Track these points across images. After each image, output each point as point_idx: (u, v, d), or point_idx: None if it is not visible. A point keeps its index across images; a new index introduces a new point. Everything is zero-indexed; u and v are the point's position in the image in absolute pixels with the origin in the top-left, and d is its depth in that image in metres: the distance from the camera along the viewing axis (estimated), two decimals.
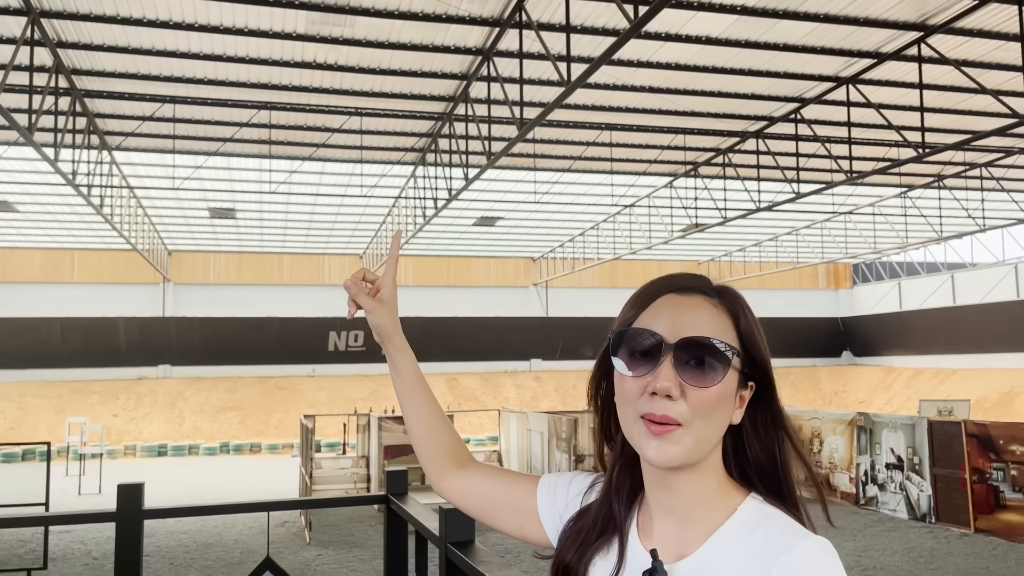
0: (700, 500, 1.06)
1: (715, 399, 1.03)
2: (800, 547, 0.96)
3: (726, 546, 1.03)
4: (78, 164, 14.71)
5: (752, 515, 1.04)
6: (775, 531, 1.00)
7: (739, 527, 1.03)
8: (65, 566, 9.67)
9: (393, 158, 18.26)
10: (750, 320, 1.09)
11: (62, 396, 28.96)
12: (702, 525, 1.06)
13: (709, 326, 1.05)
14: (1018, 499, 11.03)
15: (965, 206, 23.41)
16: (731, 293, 1.12)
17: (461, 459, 1.43)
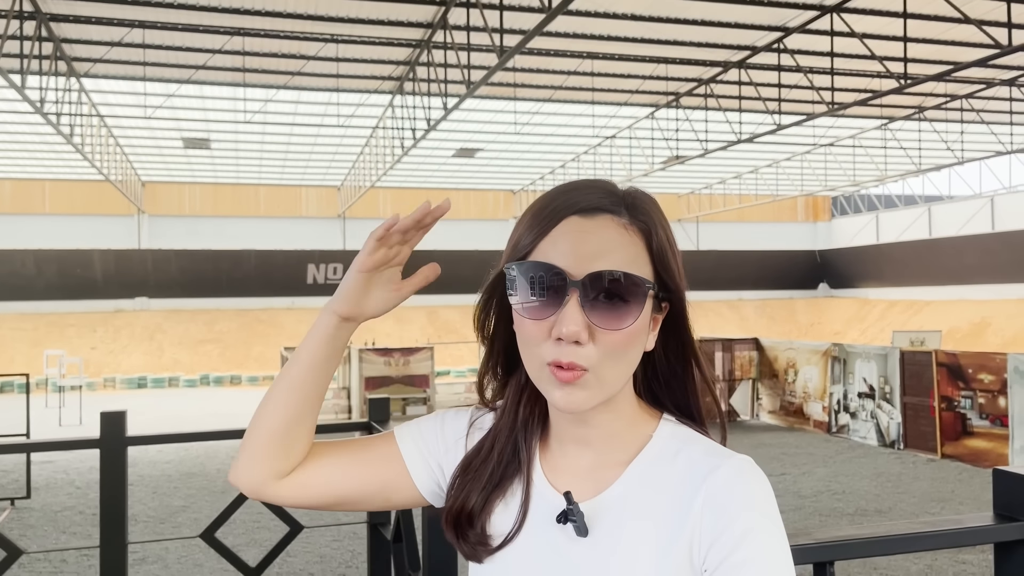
0: (615, 430, 0.98)
1: (627, 339, 0.91)
2: (725, 466, 0.91)
3: (647, 473, 0.96)
4: (46, 91, 14.31)
5: (670, 440, 0.98)
6: (697, 453, 0.94)
7: (658, 453, 0.97)
8: (49, 495, 9.74)
9: (370, 87, 17.91)
10: (663, 236, 0.95)
11: (38, 329, 28.77)
12: (618, 455, 0.98)
13: (619, 254, 0.91)
14: (984, 426, 11.33)
15: (944, 138, 23.45)
16: (641, 207, 0.95)
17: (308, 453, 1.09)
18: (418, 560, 3.47)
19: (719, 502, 0.89)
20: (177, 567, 6.81)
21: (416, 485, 1.07)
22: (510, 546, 0.99)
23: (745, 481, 0.90)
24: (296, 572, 6.63)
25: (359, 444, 1.10)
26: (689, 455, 0.95)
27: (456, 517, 1.02)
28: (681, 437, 0.98)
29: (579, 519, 0.93)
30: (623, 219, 0.93)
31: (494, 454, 1.03)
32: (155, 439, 3.94)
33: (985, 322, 27.12)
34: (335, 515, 8.66)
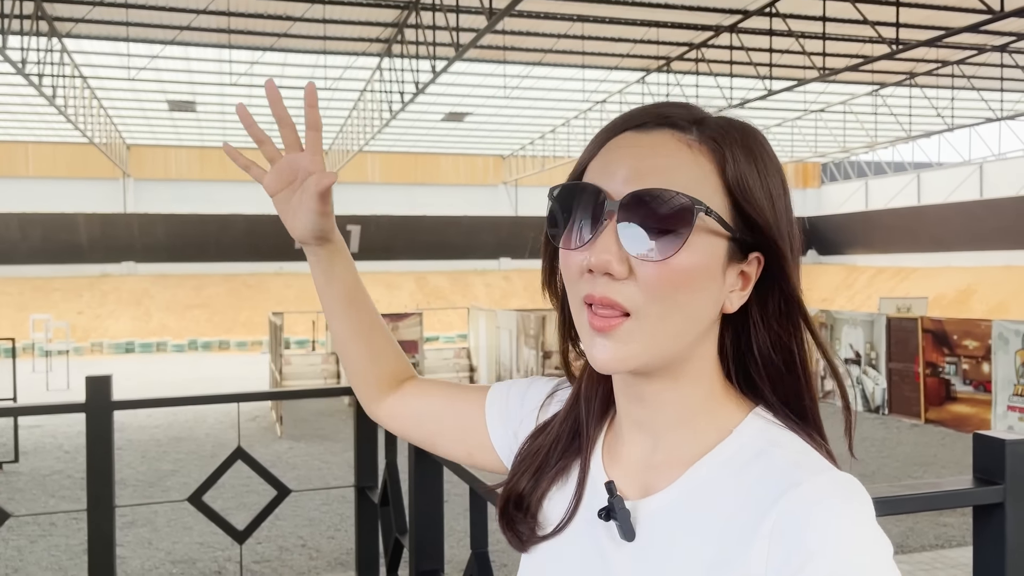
0: (683, 416, 0.78)
1: (676, 278, 0.72)
2: (809, 484, 0.68)
3: (715, 477, 0.74)
4: (27, 52, 14.06)
5: (754, 439, 0.76)
6: (779, 462, 0.72)
7: (733, 455, 0.75)
8: (37, 459, 9.75)
9: (357, 49, 17.69)
10: (746, 165, 0.75)
11: (23, 293, 28.59)
12: (682, 450, 0.78)
13: (672, 174, 0.73)
14: (968, 391, 11.46)
15: (935, 105, 23.41)
16: (718, 126, 0.77)
17: (400, 378, 1.11)
18: (404, 523, 3.49)
19: (793, 533, 0.66)
20: (166, 530, 6.85)
21: (495, 449, 0.99)
22: (558, 537, 0.84)
23: (832, 509, 0.66)
24: (285, 536, 6.68)
25: (460, 391, 1.06)
26: (770, 461, 0.72)
27: (507, 499, 0.89)
28: (769, 437, 0.76)
29: (623, 519, 0.76)
30: (688, 135, 0.76)
31: (554, 432, 0.90)
32: (141, 403, 3.93)
33: (971, 289, 27.31)
34: (323, 479, 8.71)
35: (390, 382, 1.10)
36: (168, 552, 6.32)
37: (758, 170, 0.76)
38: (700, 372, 0.78)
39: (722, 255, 0.74)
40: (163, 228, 30.83)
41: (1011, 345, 10.63)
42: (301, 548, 6.40)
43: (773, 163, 0.78)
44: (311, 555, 6.24)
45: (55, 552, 6.32)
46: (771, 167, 0.77)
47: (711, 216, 0.72)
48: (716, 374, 0.79)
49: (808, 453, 0.74)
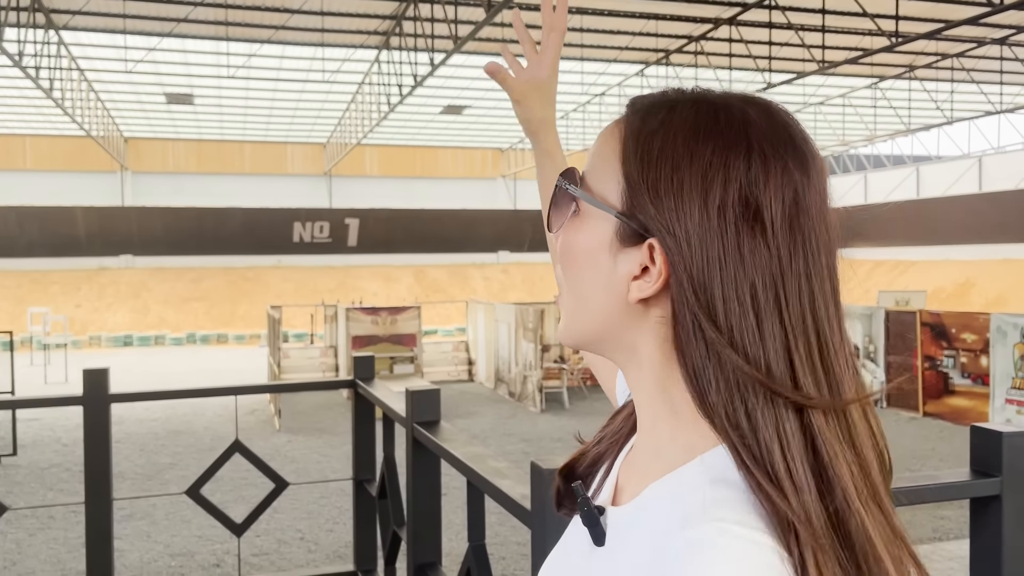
0: (654, 421, 0.71)
1: (563, 251, 0.72)
2: (694, 533, 0.58)
3: (659, 504, 0.67)
4: (24, 44, 14.01)
5: (710, 470, 0.64)
6: (695, 500, 0.62)
7: (685, 481, 0.65)
8: (35, 452, 9.75)
9: (356, 41, 17.64)
10: (648, 134, 0.68)
11: (22, 286, 28.56)
12: (656, 461, 0.70)
13: (592, 155, 0.73)
14: (966, 385, 11.48)
15: (934, 98, 23.38)
16: (649, 102, 0.71)
17: None
18: (403, 515, 3.49)
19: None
20: (165, 523, 6.85)
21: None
22: (573, 523, 0.80)
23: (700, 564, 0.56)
24: (283, 528, 6.68)
25: None
26: (693, 499, 0.62)
27: (563, 468, 0.84)
28: (720, 472, 0.63)
29: (594, 523, 0.72)
30: (623, 115, 0.73)
31: (615, 421, 0.85)
32: (138, 396, 3.93)
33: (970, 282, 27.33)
34: (322, 472, 8.72)
35: None
36: (166, 545, 6.33)
37: (664, 138, 0.67)
38: (649, 375, 0.70)
39: (607, 236, 0.69)
40: (161, 221, 30.79)
41: (1009, 338, 10.64)
42: (299, 541, 6.41)
43: (707, 133, 0.65)
44: (309, 548, 6.25)
45: (54, 545, 6.32)
46: (695, 137, 0.65)
47: (571, 191, 0.72)
48: (678, 383, 0.67)
49: (732, 499, 0.60)
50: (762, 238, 0.63)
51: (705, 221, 0.64)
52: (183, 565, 5.89)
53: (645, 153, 0.67)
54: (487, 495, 2.12)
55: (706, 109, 0.67)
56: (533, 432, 11.02)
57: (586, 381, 14.48)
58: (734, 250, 0.63)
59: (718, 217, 0.63)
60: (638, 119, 0.70)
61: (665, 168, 0.66)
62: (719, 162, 0.64)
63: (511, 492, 1.89)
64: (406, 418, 2.87)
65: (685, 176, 0.65)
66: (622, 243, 0.68)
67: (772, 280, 0.63)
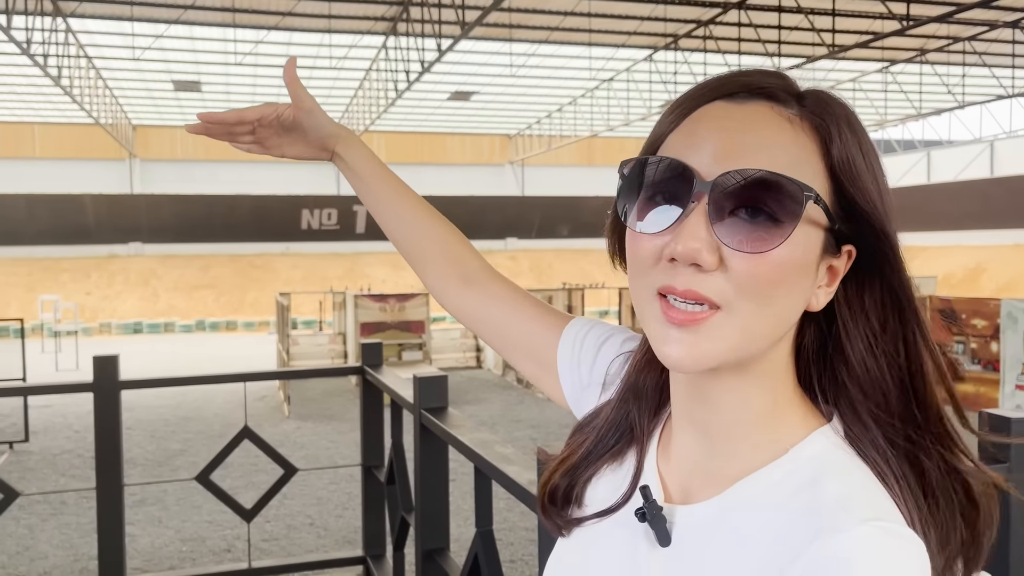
0: (742, 423, 0.69)
1: (772, 271, 0.63)
2: (847, 535, 0.58)
3: (753, 502, 0.66)
4: (32, 32, 14.03)
5: (809, 463, 0.66)
6: (826, 498, 0.62)
7: (783, 479, 0.66)
8: (47, 439, 9.83)
9: (362, 28, 17.59)
10: (851, 144, 0.67)
11: (32, 274, 28.71)
12: (735, 462, 0.69)
13: (773, 153, 0.64)
14: (976, 371, 11.44)
15: (945, 82, 23.19)
16: (820, 100, 0.68)
17: (467, 270, 1.06)
18: (411, 501, 3.51)
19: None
20: (175, 509, 6.90)
21: (560, 383, 0.94)
22: (598, 524, 0.78)
23: (876, 567, 0.57)
24: (293, 514, 6.73)
25: (538, 310, 0.99)
26: (815, 495, 0.63)
27: (548, 481, 0.81)
28: (825, 463, 0.65)
29: (658, 524, 0.70)
30: (789, 109, 0.67)
31: (609, 417, 0.82)
32: (148, 383, 3.95)
33: (980, 268, 27.20)
34: (331, 458, 8.76)
35: (450, 269, 1.07)
36: (177, 530, 6.38)
37: (862, 150, 0.67)
38: (770, 376, 0.69)
39: (818, 248, 0.66)
40: (170, 209, 30.86)
41: (1020, 324, 10.58)
42: (309, 527, 6.45)
43: (869, 141, 0.68)
44: (319, 533, 6.29)
45: (66, 530, 6.38)
46: (872, 147, 0.68)
47: (819, 205, 0.64)
48: (787, 379, 0.70)
49: (864, 491, 0.63)
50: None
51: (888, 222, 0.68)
52: (194, 550, 5.94)
53: (854, 163, 0.67)
54: (494, 481, 2.13)
55: (856, 116, 0.70)
56: (541, 419, 11.04)
57: None
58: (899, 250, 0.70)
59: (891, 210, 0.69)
60: (830, 124, 0.67)
61: (866, 175, 0.68)
62: (884, 171, 0.70)
63: (518, 478, 1.90)
64: (414, 404, 2.88)
65: (879, 183, 0.69)
66: (824, 253, 0.67)
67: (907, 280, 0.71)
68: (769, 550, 0.63)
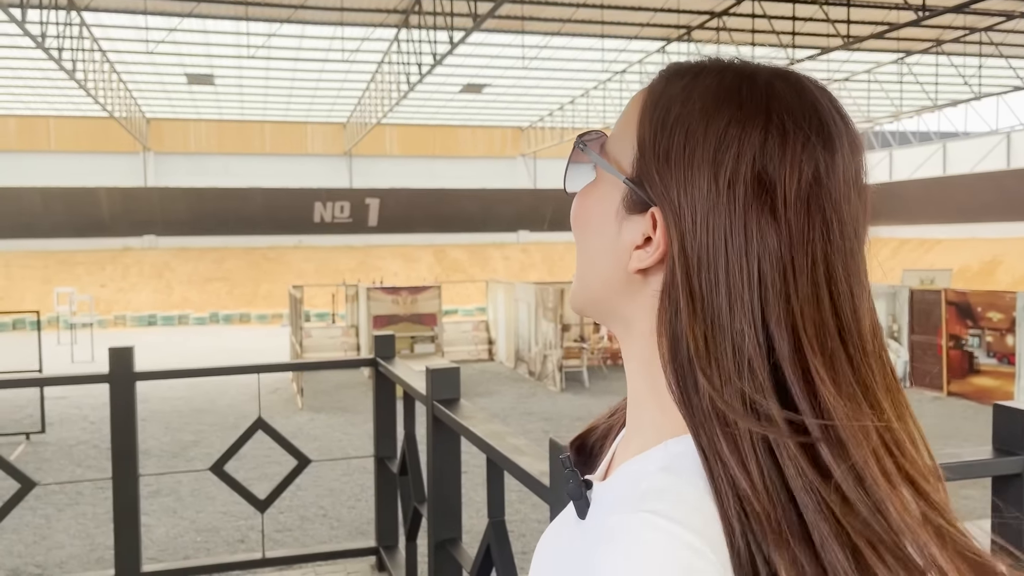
0: (635, 398, 0.69)
1: (574, 212, 0.72)
2: (617, 519, 0.56)
3: (619, 482, 0.65)
4: (47, 26, 14.10)
5: (669, 458, 0.61)
6: (640, 488, 0.59)
7: (640, 467, 0.63)
8: (63, 430, 9.92)
9: (375, 20, 17.58)
10: (667, 99, 0.65)
11: (48, 267, 28.92)
12: (633, 440, 0.68)
13: (618, 120, 0.71)
14: (991, 364, 11.36)
15: (962, 73, 22.97)
16: (674, 68, 0.69)
17: None
18: (423, 492, 3.52)
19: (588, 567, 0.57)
20: (190, 499, 6.96)
21: None
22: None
23: (616, 551, 0.54)
24: (306, 505, 6.77)
25: None
26: (636, 484, 0.60)
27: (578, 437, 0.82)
28: (675, 464, 0.60)
29: (577, 496, 0.69)
30: (653, 80, 0.70)
31: None
32: (163, 374, 3.98)
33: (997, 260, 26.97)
34: (343, 450, 8.80)
35: None
36: (192, 521, 6.43)
37: (682, 104, 0.64)
38: (639, 348, 0.67)
39: (615, 202, 0.66)
40: (183, 202, 31.01)
41: None
42: (322, 518, 6.49)
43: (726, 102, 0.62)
44: (332, 524, 6.32)
45: (82, 520, 6.44)
46: (714, 106, 0.62)
47: (586, 151, 0.69)
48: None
49: (681, 491, 0.57)
50: (771, 217, 0.59)
51: (713, 195, 0.60)
52: (208, 540, 5.98)
53: (661, 119, 0.64)
54: (507, 472, 2.13)
55: (731, 78, 0.64)
56: (553, 411, 11.05)
57: (606, 360, 14.48)
58: (740, 228, 0.59)
59: (727, 191, 0.60)
60: (662, 83, 0.68)
61: (678, 136, 0.63)
62: (734, 133, 0.61)
63: (530, 469, 1.90)
64: (426, 396, 2.88)
65: (697, 146, 0.62)
66: (628, 210, 0.65)
67: (780, 263, 0.59)
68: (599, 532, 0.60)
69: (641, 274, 0.65)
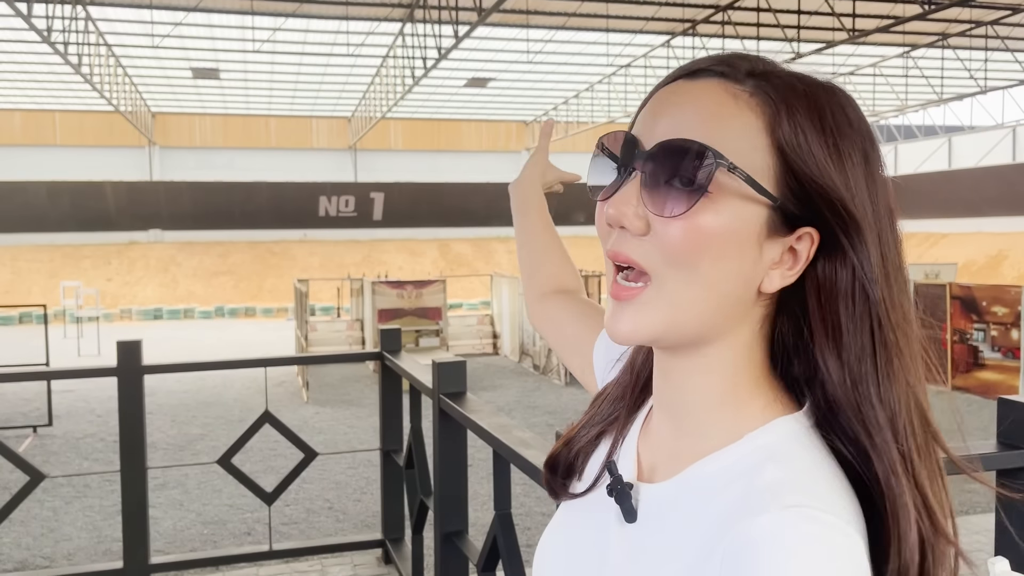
0: (701, 405, 0.70)
1: (692, 237, 0.63)
2: (764, 519, 0.58)
3: (704, 483, 0.67)
4: (52, 20, 14.12)
5: (760, 450, 0.65)
6: (760, 482, 0.62)
7: (732, 463, 0.66)
8: (70, 423, 9.96)
9: (380, 14, 17.57)
10: (807, 123, 0.65)
11: (54, 260, 29.02)
12: (694, 442, 0.70)
13: (708, 125, 0.65)
14: (996, 358, 11.34)
15: (967, 66, 22.88)
16: (784, 81, 0.67)
17: (560, 286, 1.18)
18: (429, 485, 3.54)
19: (737, 565, 0.58)
20: (197, 492, 6.99)
21: (596, 376, 0.96)
22: (584, 499, 0.79)
23: (786, 554, 0.56)
24: (312, 498, 6.80)
25: (591, 309, 1.10)
26: (754, 479, 0.63)
27: (559, 447, 0.84)
28: (775, 450, 0.65)
29: (625, 500, 0.70)
30: (739, 86, 0.66)
31: (611, 394, 0.84)
32: (171, 367, 4.00)
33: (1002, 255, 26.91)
34: (349, 443, 8.83)
35: (544, 287, 1.19)
36: (199, 513, 6.46)
37: (824, 130, 0.65)
38: (727, 360, 0.69)
39: (758, 224, 0.65)
40: (189, 196, 31.07)
41: None
42: (328, 511, 6.52)
43: (856, 127, 0.66)
44: (337, 517, 6.35)
45: (89, 513, 6.48)
46: (849, 131, 0.66)
47: (736, 174, 0.63)
48: (750, 366, 0.69)
49: (804, 478, 0.61)
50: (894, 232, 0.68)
51: (876, 209, 0.66)
52: (215, 533, 6.02)
53: (804, 142, 0.65)
54: (513, 465, 2.15)
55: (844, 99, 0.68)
56: (558, 404, 11.07)
57: None
58: (893, 239, 0.68)
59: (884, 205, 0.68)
60: (780, 103, 0.65)
61: (824, 156, 0.65)
62: (872, 159, 0.67)
63: (536, 462, 1.92)
64: (433, 389, 2.90)
65: (859, 171, 0.66)
66: (771, 232, 0.65)
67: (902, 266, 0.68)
68: (707, 532, 0.63)
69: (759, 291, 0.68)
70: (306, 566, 4.63)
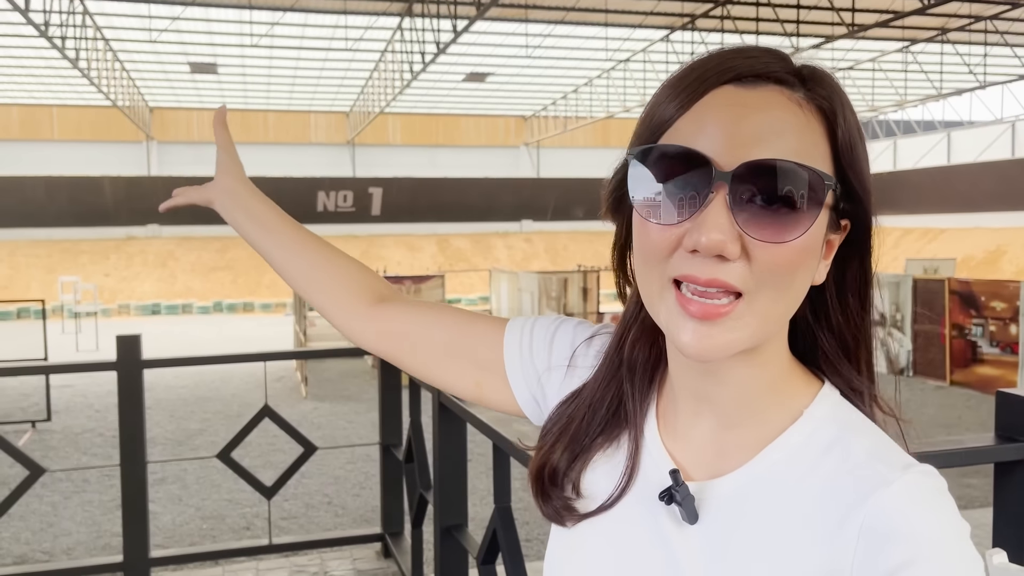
0: (754, 395, 0.71)
1: (797, 258, 0.64)
2: (901, 484, 0.63)
3: (783, 466, 0.69)
4: (50, 14, 14.09)
5: (826, 423, 0.70)
6: (860, 452, 0.66)
7: (806, 440, 0.69)
8: (68, 418, 9.96)
9: (378, 9, 17.54)
10: (852, 124, 0.67)
11: (52, 255, 28.98)
12: (752, 429, 0.71)
13: (789, 139, 0.64)
14: (995, 354, 11.36)
15: (967, 61, 22.88)
16: (823, 80, 0.68)
17: (379, 293, 1.02)
18: (429, 479, 3.55)
19: (891, 535, 0.61)
20: (196, 487, 7.00)
21: (511, 388, 0.90)
22: (606, 515, 0.76)
23: (931, 510, 0.62)
24: (311, 493, 6.80)
25: (467, 316, 0.95)
26: (847, 452, 0.67)
27: (539, 470, 0.81)
28: (841, 421, 0.70)
29: (688, 503, 0.70)
30: (797, 93, 0.66)
31: (594, 399, 0.80)
32: (171, 362, 4.00)
33: (1001, 250, 26.92)
34: (348, 438, 8.84)
35: (361, 295, 1.01)
36: (198, 508, 6.47)
37: (858, 131, 0.68)
38: (780, 349, 0.72)
39: (826, 227, 0.67)
40: None
41: None
42: (327, 505, 6.52)
43: (856, 115, 0.70)
44: (336, 512, 6.36)
45: (88, 508, 6.49)
46: (858, 121, 0.69)
47: (836, 191, 0.66)
48: (785, 347, 0.73)
49: (881, 441, 0.69)
50: None
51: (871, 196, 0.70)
52: (214, 527, 6.02)
53: (855, 147, 0.68)
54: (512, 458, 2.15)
55: None
56: None
57: None
58: None
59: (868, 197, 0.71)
60: (837, 109, 0.68)
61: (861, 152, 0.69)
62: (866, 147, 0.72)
63: None
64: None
65: (866, 158, 0.70)
66: (830, 229, 0.69)
67: None
68: (814, 511, 0.66)
69: None
70: (305, 560, 4.64)
